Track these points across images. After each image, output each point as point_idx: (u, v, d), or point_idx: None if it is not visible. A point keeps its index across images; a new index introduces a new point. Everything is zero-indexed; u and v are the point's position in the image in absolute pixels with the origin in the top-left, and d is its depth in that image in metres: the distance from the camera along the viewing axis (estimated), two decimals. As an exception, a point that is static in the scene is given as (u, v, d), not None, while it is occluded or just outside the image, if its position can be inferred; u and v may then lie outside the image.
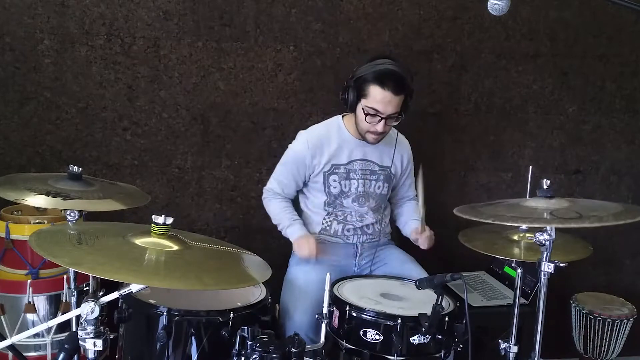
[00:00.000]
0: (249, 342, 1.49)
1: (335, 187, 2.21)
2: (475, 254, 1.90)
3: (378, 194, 2.26)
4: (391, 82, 2.01)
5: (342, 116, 2.25)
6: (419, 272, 2.15)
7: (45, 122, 2.40)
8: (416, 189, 2.25)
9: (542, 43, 2.69)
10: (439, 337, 1.70)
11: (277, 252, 2.44)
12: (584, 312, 2.49)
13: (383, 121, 2.06)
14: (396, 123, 2.12)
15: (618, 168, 2.86)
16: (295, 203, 2.32)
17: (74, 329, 1.57)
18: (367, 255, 2.27)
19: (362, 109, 2.07)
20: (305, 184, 2.27)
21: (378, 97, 2.03)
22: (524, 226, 1.89)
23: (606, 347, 2.47)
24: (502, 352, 1.89)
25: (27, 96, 2.37)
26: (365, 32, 2.55)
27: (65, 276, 2.05)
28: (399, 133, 2.27)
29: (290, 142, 2.26)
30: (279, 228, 2.25)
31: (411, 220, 2.31)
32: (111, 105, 2.43)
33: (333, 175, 2.20)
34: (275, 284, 1.85)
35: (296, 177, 2.23)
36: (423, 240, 2.14)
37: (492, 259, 2.54)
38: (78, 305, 1.35)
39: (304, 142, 2.20)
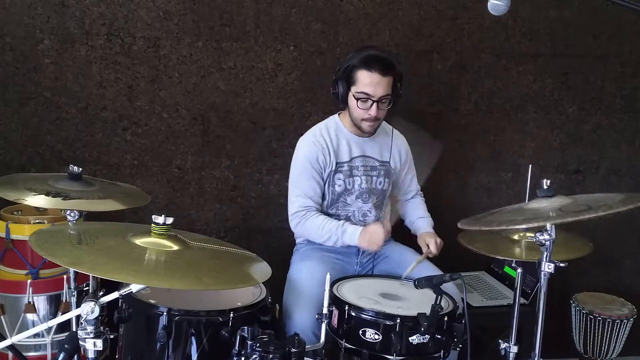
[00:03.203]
0: (249, 342, 1.49)
1: (339, 186, 2.20)
2: (475, 254, 1.90)
3: (380, 189, 2.27)
4: (377, 63, 2.04)
5: (339, 114, 2.26)
6: (423, 266, 2.14)
7: (45, 122, 2.40)
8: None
9: (542, 43, 2.69)
10: (438, 337, 1.70)
11: (277, 252, 2.45)
12: (584, 312, 2.49)
13: (375, 105, 2.06)
14: (389, 107, 2.11)
15: (618, 168, 2.86)
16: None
17: (74, 329, 1.57)
18: (369, 254, 2.26)
19: (353, 95, 2.08)
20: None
21: (366, 80, 2.04)
22: (523, 226, 1.90)
23: (606, 347, 2.47)
24: (502, 352, 1.89)
25: (27, 96, 2.37)
26: (365, 32, 2.55)
27: (65, 276, 2.05)
28: (394, 129, 2.29)
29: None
30: (331, 242, 2.12)
31: (418, 219, 2.32)
32: (111, 105, 2.43)
33: (338, 173, 2.20)
34: (275, 284, 1.84)
35: (316, 178, 2.16)
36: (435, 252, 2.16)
37: (492, 259, 2.54)
38: (78, 305, 1.35)
39: (309, 142, 2.18)
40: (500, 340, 1.90)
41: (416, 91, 2.46)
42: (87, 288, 1.79)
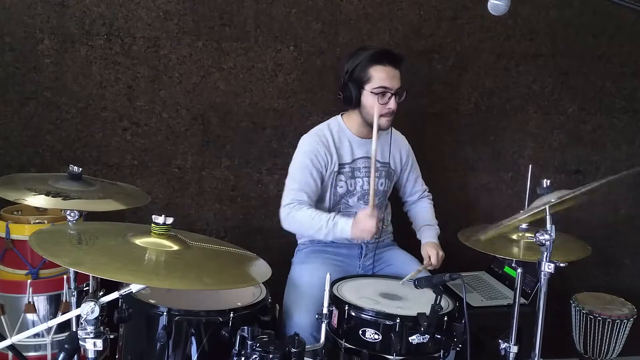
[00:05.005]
0: (249, 342, 1.48)
1: (341, 187, 2.20)
2: (475, 254, 1.90)
3: (380, 190, 2.26)
4: (387, 57, 2.08)
5: (341, 115, 2.26)
6: (422, 273, 2.14)
7: (45, 122, 2.40)
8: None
9: (542, 43, 2.69)
10: (438, 336, 1.70)
11: (277, 252, 2.45)
12: (584, 312, 2.49)
13: (394, 97, 2.09)
14: (401, 99, 2.13)
15: (618, 168, 2.85)
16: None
17: (74, 329, 1.57)
18: (372, 257, 2.26)
19: (371, 92, 2.08)
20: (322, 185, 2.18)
21: (382, 75, 2.07)
22: (523, 226, 1.91)
23: (606, 347, 2.47)
24: (502, 352, 1.89)
25: (27, 96, 2.37)
26: (365, 32, 2.55)
27: (65, 276, 2.05)
28: (393, 128, 2.28)
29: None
30: (321, 235, 2.07)
31: (424, 226, 2.30)
32: (111, 105, 2.43)
33: (340, 175, 2.19)
34: (275, 284, 1.84)
35: (314, 176, 2.13)
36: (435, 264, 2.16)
37: (492, 259, 2.54)
38: (78, 305, 1.35)
39: (312, 140, 2.17)
40: (500, 340, 1.90)
41: (416, 91, 2.46)
42: (87, 288, 1.80)
